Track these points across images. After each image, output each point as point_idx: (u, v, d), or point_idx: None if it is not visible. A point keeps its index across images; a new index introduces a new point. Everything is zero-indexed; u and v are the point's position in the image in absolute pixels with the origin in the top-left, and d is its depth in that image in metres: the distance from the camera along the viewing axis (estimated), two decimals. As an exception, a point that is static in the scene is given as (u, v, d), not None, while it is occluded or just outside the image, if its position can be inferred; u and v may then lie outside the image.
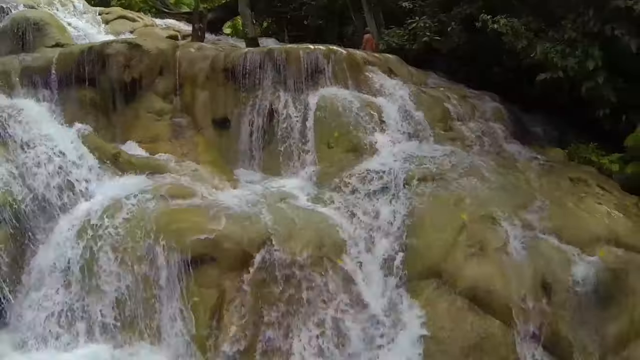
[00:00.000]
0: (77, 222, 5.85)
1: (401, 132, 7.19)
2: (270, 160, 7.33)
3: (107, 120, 8.15)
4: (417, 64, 10.89)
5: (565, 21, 7.80)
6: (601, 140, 8.38)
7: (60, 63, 8.12)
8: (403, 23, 11.07)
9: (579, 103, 8.62)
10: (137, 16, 12.32)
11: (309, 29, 12.60)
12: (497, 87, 10.14)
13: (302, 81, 7.53)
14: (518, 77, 9.46)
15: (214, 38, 12.20)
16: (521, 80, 9.41)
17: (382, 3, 11.20)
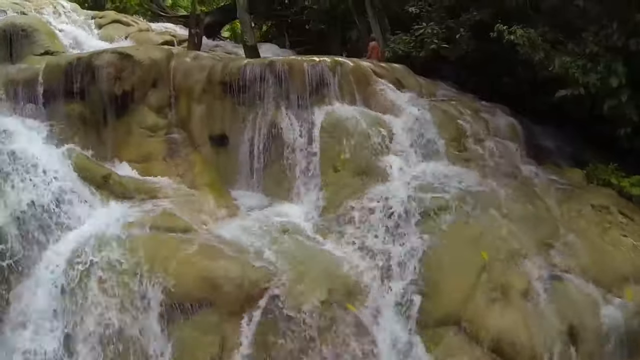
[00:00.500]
0: (63, 260, 5.28)
1: (413, 153, 6.58)
2: (272, 182, 6.73)
3: (98, 136, 7.44)
4: (424, 72, 10.26)
5: (586, 34, 7.21)
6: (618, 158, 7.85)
7: (47, 75, 7.38)
8: (409, 28, 10.36)
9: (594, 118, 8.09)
10: (131, 20, 11.51)
11: (311, 34, 11.90)
12: (507, 98, 9.61)
13: (306, 96, 6.87)
14: (532, 89, 8.87)
15: (211, 43, 11.46)
16: (535, 92, 8.82)
17: (387, 7, 10.48)
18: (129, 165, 7.20)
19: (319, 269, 4.98)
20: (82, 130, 7.57)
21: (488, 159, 6.93)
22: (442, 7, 10.43)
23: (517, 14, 8.86)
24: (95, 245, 5.35)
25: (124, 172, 7.10)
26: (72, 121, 7.48)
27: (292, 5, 12.26)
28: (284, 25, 12.64)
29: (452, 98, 8.31)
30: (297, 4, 11.76)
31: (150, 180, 6.79)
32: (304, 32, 11.93)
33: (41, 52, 9.78)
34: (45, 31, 10.11)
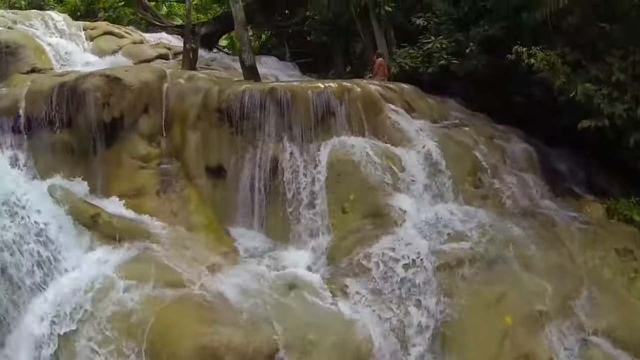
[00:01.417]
0: (46, 321, 4.61)
1: (427, 192, 5.93)
2: (275, 222, 6.05)
3: (86, 167, 6.67)
4: (432, 88, 9.50)
5: (611, 59, 6.51)
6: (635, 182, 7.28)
7: (29, 102, 6.58)
8: (416, 41, 9.56)
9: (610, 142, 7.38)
10: (124, 31, 10.61)
11: (313, 45, 11.04)
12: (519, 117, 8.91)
13: (310, 128, 6.15)
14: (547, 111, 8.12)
15: (208, 56, 10.61)
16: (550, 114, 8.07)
17: (393, 19, 9.63)
18: (120, 200, 6.44)
19: (330, 338, 4.40)
20: (70, 162, 6.81)
21: (505, 196, 6.32)
22: (451, 19, 9.62)
23: (532, 30, 8.08)
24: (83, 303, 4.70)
25: (114, 209, 6.38)
26: (58, 152, 6.75)
27: (293, 16, 11.38)
28: (285, 35, 11.79)
29: (464, 122, 7.60)
30: (298, 14, 10.88)
31: (142, 220, 6.07)
32: (306, 43, 11.09)
33: (27, 70, 8.96)
34: (32, 47, 9.24)
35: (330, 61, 10.64)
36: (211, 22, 10.92)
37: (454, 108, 8.65)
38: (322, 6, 10.07)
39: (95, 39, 10.15)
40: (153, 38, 10.97)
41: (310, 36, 10.54)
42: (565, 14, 7.12)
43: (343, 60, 10.63)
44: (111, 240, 5.91)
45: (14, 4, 13.13)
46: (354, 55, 10.26)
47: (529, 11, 7.82)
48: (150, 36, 11.06)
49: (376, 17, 9.45)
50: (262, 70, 9.93)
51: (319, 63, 10.81)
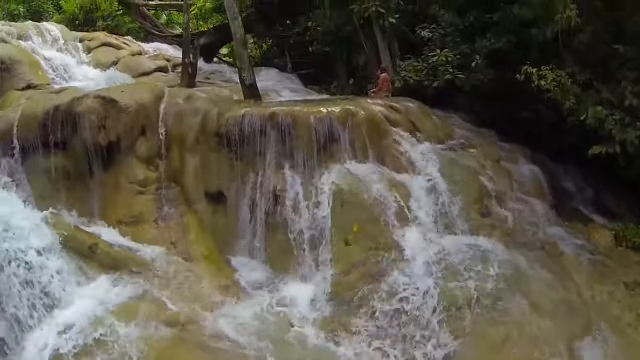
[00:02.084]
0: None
1: (433, 222, 5.68)
2: (277, 252, 5.82)
3: (83, 191, 6.43)
4: (437, 101, 9.14)
5: (624, 81, 6.15)
6: None
7: (22, 127, 6.27)
8: (421, 53, 9.16)
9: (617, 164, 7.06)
10: (122, 42, 10.22)
11: (315, 56, 10.64)
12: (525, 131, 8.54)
13: (312, 155, 5.86)
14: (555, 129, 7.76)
15: (208, 67, 10.24)
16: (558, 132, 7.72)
17: (397, 30, 9.22)
18: (118, 228, 6.18)
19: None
20: (65, 187, 6.56)
21: (512, 224, 6.04)
22: (457, 30, 9.19)
23: (540, 46, 7.69)
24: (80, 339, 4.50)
25: (112, 237, 6.12)
26: (54, 176, 6.47)
27: (294, 26, 10.97)
28: (286, 45, 11.37)
29: (470, 142, 7.28)
30: (299, 24, 10.46)
31: (140, 250, 5.81)
32: (308, 54, 10.69)
33: (23, 86, 8.63)
34: (28, 62, 8.89)
35: (332, 72, 10.26)
36: (211, 32, 10.51)
37: (460, 125, 8.33)
38: (324, 17, 9.66)
39: (92, 51, 9.79)
40: (152, 48, 10.58)
41: (312, 47, 10.17)
42: (576, 32, 6.76)
43: (346, 71, 10.24)
44: (109, 270, 5.69)
45: (12, 11, 12.73)
46: (356, 67, 9.89)
47: (538, 27, 7.45)
48: (149, 46, 10.68)
49: (380, 29, 9.02)
50: (262, 83, 9.55)
51: (321, 74, 10.45)
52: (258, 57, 12.16)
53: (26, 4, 12.94)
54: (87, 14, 11.33)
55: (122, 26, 11.00)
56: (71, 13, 11.52)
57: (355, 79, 9.80)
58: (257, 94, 7.22)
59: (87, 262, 5.77)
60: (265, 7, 10.24)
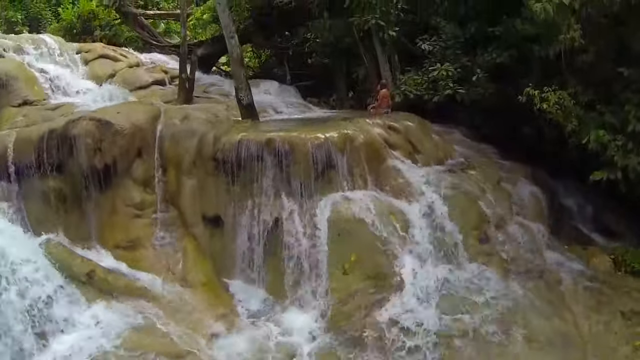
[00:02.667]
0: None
1: (431, 250, 5.53)
2: (275, 278, 5.71)
3: (80, 214, 6.29)
4: (437, 115, 8.88)
5: (628, 106, 5.91)
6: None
7: (17, 151, 6.13)
8: (421, 65, 8.88)
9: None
10: (119, 54, 9.95)
11: (314, 68, 10.35)
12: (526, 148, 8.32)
13: (310, 182, 5.69)
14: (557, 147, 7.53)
15: (206, 80, 9.93)
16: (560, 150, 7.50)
17: (397, 42, 8.98)
18: (115, 253, 6.11)
19: None
20: (62, 210, 6.41)
21: (511, 251, 5.89)
22: (458, 42, 8.91)
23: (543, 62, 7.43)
24: None
25: (109, 263, 6.05)
26: (50, 200, 6.32)
27: (293, 37, 10.69)
28: (285, 56, 11.05)
29: (470, 163, 7.07)
30: (299, 35, 10.19)
31: (138, 277, 5.75)
32: (307, 65, 10.42)
33: (19, 103, 8.41)
34: (24, 78, 8.68)
35: (332, 85, 10.04)
36: (209, 43, 10.25)
37: (460, 142, 8.14)
38: (323, 29, 9.42)
39: (90, 63, 9.54)
40: (149, 59, 10.29)
41: (312, 58, 9.94)
42: (580, 52, 6.52)
43: (345, 84, 9.98)
44: (107, 296, 5.64)
45: (10, 18, 12.47)
46: (356, 80, 9.64)
47: (541, 44, 7.19)
48: (147, 57, 10.38)
49: (380, 41, 8.74)
50: (260, 97, 9.35)
51: (321, 86, 10.20)
52: (256, 67, 11.95)
53: (24, 11, 12.73)
54: (85, 22, 11.07)
55: (120, 35, 10.76)
56: (69, 22, 11.27)
57: (355, 92, 9.58)
58: (254, 113, 7.04)
59: (85, 288, 5.71)
60: (264, 18, 10.01)
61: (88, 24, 10.94)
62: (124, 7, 10.54)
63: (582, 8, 6.26)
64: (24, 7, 12.88)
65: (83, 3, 11.44)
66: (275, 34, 10.71)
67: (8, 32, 12.68)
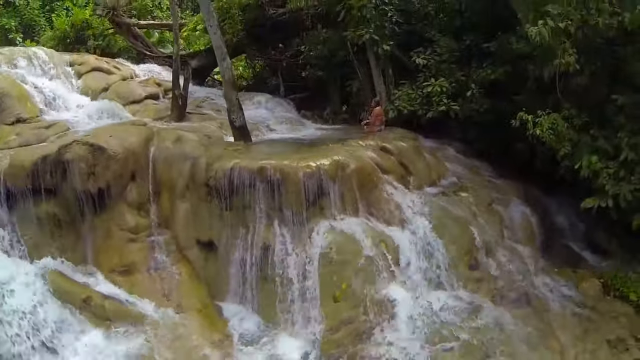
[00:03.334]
0: None
1: (421, 278, 5.59)
2: (268, 303, 5.73)
3: (75, 238, 6.29)
4: (431, 130, 8.82)
5: (621, 133, 5.86)
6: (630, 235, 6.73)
7: (10, 177, 6.02)
8: (416, 79, 8.77)
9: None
10: (113, 66, 9.67)
11: (308, 80, 10.13)
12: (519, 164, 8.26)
13: (302, 211, 5.68)
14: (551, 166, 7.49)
15: (199, 93, 9.68)
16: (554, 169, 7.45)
17: (392, 57, 8.84)
18: (111, 277, 6.09)
19: None
20: (57, 234, 6.38)
21: (500, 276, 5.94)
22: (453, 56, 8.79)
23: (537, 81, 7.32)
24: None
25: (105, 288, 6.03)
26: (45, 225, 6.29)
27: (287, 49, 10.52)
28: (279, 68, 10.82)
29: (462, 183, 7.09)
30: (292, 47, 10.02)
31: (134, 303, 5.76)
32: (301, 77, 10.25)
33: (12, 121, 8.16)
34: (17, 95, 8.40)
35: (326, 97, 9.90)
36: (203, 55, 10.06)
37: (453, 159, 8.11)
38: (317, 41, 9.25)
39: (83, 76, 9.31)
40: (143, 71, 10.09)
41: (305, 71, 9.82)
42: (575, 75, 6.43)
43: (339, 97, 9.84)
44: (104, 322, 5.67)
45: (3, 25, 12.23)
46: (350, 93, 9.52)
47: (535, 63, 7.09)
48: (140, 68, 10.18)
49: (374, 55, 8.63)
50: (254, 112, 9.25)
51: (315, 99, 10.04)
52: (250, 78, 11.76)
53: (18, 17, 12.49)
54: (79, 31, 10.82)
55: (113, 45, 10.55)
56: (62, 31, 11.01)
57: (349, 105, 9.49)
58: (246, 134, 6.98)
59: (81, 314, 5.73)
60: (257, 29, 9.83)
61: (82, 33, 10.72)
62: (117, 17, 10.37)
63: (577, 31, 6.22)
64: (17, 14, 12.64)
65: (76, 12, 11.23)
66: (269, 46, 10.53)
67: (1, 40, 12.54)
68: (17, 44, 12.18)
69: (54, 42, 10.79)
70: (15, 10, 12.59)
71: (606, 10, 5.99)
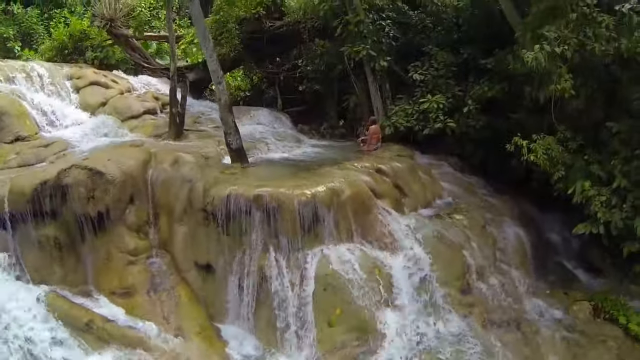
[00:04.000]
0: None
1: (413, 304, 5.69)
2: (265, 326, 5.87)
3: (76, 261, 6.39)
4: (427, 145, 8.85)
5: (615, 160, 5.91)
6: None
7: (12, 202, 6.12)
8: (413, 94, 8.78)
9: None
10: (111, 80, 9.63)
11: (305, 93, 10.14)
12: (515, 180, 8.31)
13: (297, 238, 5.77)
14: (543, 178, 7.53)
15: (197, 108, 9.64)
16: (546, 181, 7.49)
17: (389, 72, 8.80)
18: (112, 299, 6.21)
19: None
20: (59, 257, 6.47)
21: (491, 300, 6.04)
22: (450, 70, 8.77)
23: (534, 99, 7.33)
24: None
25: (107, 311, 6.14)
26: (46, 248, 6.39)
27: (285, 63, 10.45)
28: (276, 81, 10.76)
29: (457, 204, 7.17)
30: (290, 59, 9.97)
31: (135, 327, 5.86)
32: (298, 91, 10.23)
33: (11, 139, 8.25)
34: (15, 113, 8.45)
35: (323, 111, 9.91)
36: (200, 68, 9.96)
37: (449, 177, 8.13)
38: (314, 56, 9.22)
39: (81, 90, 9.28)
40: (140, 84, 10.02)
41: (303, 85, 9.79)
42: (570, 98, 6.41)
43: (336, 111, 9.87)
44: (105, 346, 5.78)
45: (2, 34, 12.19)
46: (347, 107, 9.50)
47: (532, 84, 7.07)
48: (138, 80, 10.11)
49: (371, 71, 8.61)
50: (251, 128, 9.20)
51: (312, 113, 10.04)
52: (248, 89, 11.66)
53: (16, 26, 12.42)
54: (77, 42, 10.72)
55: (111, 57, 10.49)
56: (60, 41, 10.91)
57: (346, 120, 9.51)
58: (243, 156, 7.01)
59: (83, 337, 5.86)
60: (255, 42, 9.77)
61: (80, 44, 10.70)
62: (115, 28, 10.34)
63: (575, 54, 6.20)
64: (15, 22, 12.55)
65: (74, 22, 11.12)
66: (266, 59, 10.48)
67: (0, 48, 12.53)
68: (16, 53, 12.19)
69: (52, 52, 10.75)
70: (13, 19, 12.52)
71: (603, 35, 6.00)
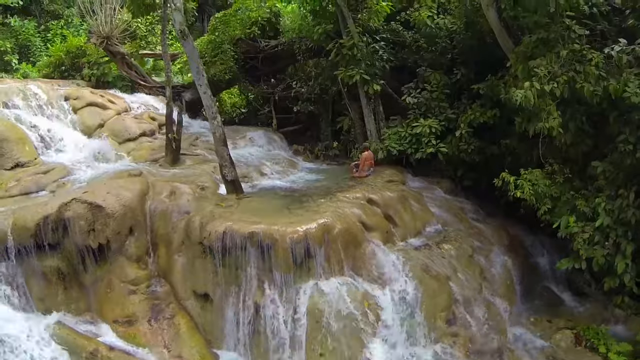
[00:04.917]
0: None
1: (401, 333, 5.98)
2: (260, 354, 6.17)
3: (79, 290, 6.69)
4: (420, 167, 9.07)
5: (600, 197, 6.07)
6: None
7: (16, 234, 6.34)
8: (406, 116, 8.96)
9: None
10: (108, 100, 9.76)
11: (300, 114, 10.21)
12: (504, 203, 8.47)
13: (290, 273, 6.03)
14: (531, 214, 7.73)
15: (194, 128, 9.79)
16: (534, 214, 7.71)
17: (383, 95, 8.91)
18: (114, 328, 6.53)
19: None
20: (62, 287, 6.74)
21: (476, 330, 6.30)
22: (443, 93, 8.88)
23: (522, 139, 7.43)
24: None
25: (110, 339, 6.47)
26: (51, 279, 6.66)
27: (279, 83, 10.52)
28: (271, 101, 10.77)
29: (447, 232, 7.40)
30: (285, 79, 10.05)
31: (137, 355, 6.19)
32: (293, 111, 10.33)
33: (11, 166, 8.49)
34: (15, 138, 8.67)
35: (318, 131, 10.03)
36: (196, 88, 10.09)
37: (439, 202, 8.33)
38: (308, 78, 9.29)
39: (78, 112, 9.43)
40: (137, 103, 10.15)
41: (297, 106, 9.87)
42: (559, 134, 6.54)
43: (331, 132, 10.00)
44: (109, 374, 6.31)
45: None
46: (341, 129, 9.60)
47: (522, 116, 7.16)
48: (134, 99, 10.23)
49: (365, 94, 8.72)
50: (246, 150, 9.42)
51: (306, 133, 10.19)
52: (243, 106, 11.70)
53: (13, 39, 12.42)
54: (74, 59, 10.81)
55: (108, 74, 10.59)
56: (57, 57, 10.98)
57: (340, 141, 9.65)
58: (238, 187, 7.21)
59: (88, 366, 6.31)
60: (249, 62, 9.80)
61: (77, 60, 10.80)
62: (112, 45, 10.41)
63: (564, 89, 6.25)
64: (13, 35, 12.57)
65: (71, 39, 11.13)
66: (260, 79, 10.53)
67: (-3, 61, 12.59)
68: (13, 66, 12.35)
69: (49, 69, 10.82)
70: (10, 32, 12.55)
71: (592, 74, 6.08)
